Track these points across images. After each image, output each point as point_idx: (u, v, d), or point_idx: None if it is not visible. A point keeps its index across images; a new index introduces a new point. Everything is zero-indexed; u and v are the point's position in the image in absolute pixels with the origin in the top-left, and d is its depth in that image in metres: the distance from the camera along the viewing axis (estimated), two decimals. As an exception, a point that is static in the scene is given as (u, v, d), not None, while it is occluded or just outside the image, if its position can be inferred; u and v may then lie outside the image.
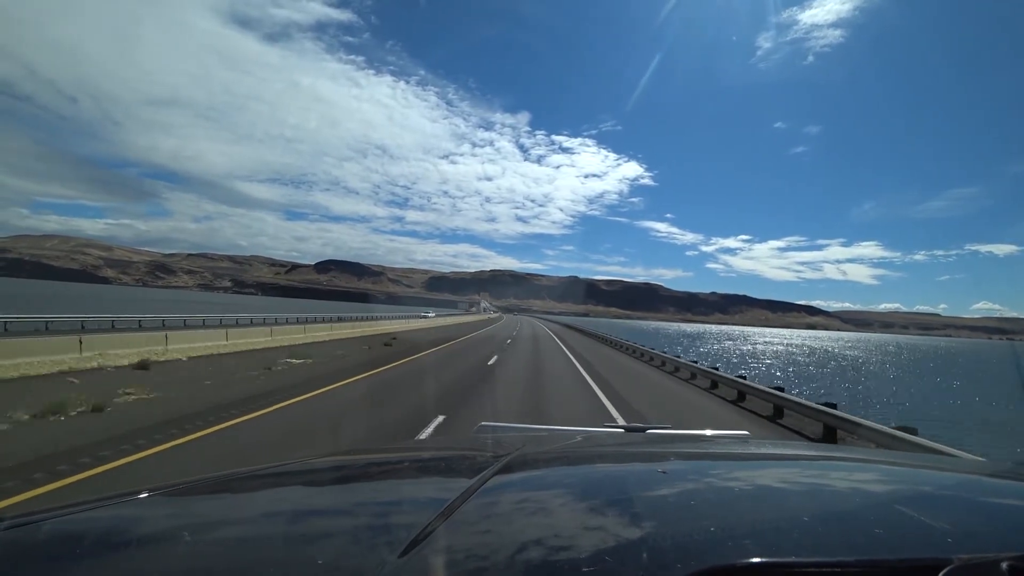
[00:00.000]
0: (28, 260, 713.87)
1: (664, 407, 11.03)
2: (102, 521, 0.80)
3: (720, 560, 0.54)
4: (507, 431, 1.95)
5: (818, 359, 58.79)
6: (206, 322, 31.46)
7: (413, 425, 7.40)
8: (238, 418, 7.39)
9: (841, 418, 8.01)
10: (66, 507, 0.81)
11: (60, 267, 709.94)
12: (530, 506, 0.81)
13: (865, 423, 7.34)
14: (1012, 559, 0.53)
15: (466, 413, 8.33)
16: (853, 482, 1.04)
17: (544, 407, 9.54)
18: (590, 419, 8.51)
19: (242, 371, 12.16)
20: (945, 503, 0.88)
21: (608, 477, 1.10)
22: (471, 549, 0.62)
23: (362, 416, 8.15)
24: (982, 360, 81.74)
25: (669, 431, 1.89)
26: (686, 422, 9.02)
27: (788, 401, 9.91)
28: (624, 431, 1.85)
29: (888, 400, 25.18)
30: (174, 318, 31.31)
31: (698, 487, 0.96)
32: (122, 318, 28.09)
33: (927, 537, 0.67)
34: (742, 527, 0.67)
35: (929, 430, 8.39)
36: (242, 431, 6.77)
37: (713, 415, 10.32)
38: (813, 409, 8.79)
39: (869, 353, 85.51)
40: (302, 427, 7.17)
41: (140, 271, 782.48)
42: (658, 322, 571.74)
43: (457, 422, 7.68)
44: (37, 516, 0.74)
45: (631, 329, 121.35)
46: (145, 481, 3.59)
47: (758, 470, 1.16)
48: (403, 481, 1.17)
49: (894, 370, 49.83)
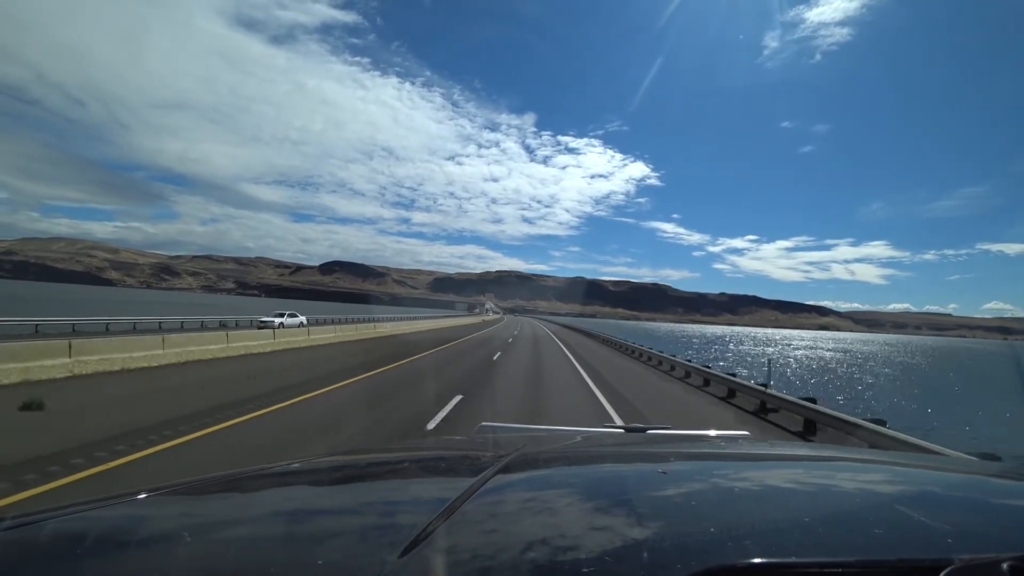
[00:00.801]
0: (33, 262, 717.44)
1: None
2: (102, 521, 0.79)
3: (721, 560, 0.54)
4: (507, 431, 1.95)
5: (883, 369, 51.20)
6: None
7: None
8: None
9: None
10: (66, 507, 0.80)
11: (64, 269, 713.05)
12: (531, 506, 0.81)
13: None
14: (1013, 559, 0.53)
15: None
16: (854, 482, 1.05)
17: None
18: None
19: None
20: (946, 503, 0.88)
21: (609, 477, 1.10)
22: (471, 549, 0.62)
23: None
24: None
25: (669, 431, 1.89)
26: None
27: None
28: (624, 431, 1.87)
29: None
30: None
31: (698, 487, 0.96)
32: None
33: (928, 537, 0.67)
34: (743, 527, 0.67)
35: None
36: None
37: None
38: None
39: (907, 356, 78.74)
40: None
41: (145, 273, 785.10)
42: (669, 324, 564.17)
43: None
44: (38, 516, 0.74)
45: (640, 332, 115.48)
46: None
47: (758, 470, 1.16)
48: (403, 481, 1.18)
49: (958, 378, 42.51)
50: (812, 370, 41.88)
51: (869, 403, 22.43)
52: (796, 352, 74.79)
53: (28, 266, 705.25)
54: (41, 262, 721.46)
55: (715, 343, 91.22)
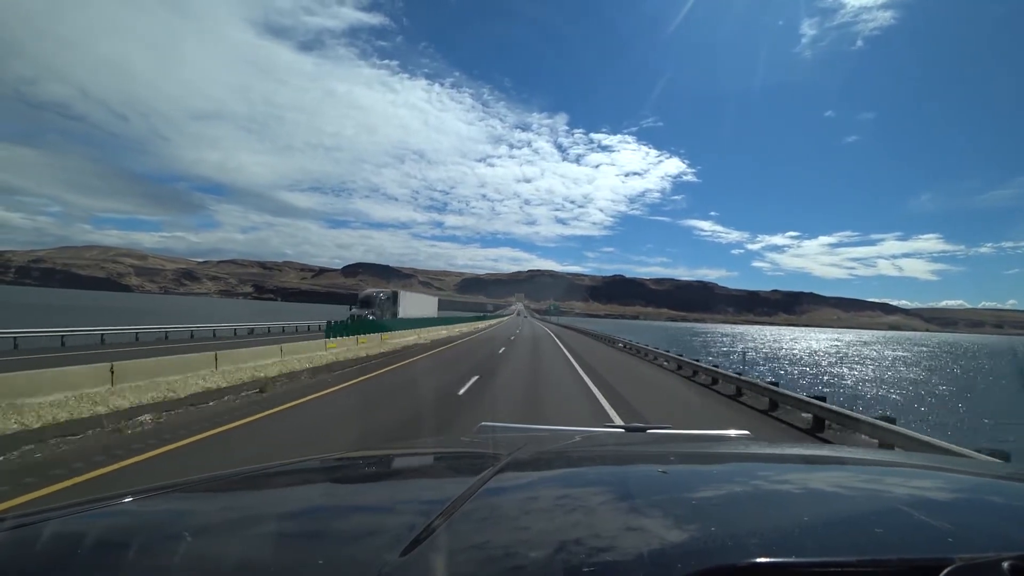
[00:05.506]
0: (59, 269, 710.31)
1: None
2: (102, 521, 0.79)
3: (721, 560, 0.54)
4: (507, 431, 1.94)
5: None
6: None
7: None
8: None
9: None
10: (67, 507, 0.80)
11: (87, 276, 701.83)
12: (531, 506, 0.81)
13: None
14: (1013, 559, 0.53)
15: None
16: (854, 482, 1.05)
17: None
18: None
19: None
20: (946, 503, 0.88)
21: (609, 477, 1.10)
22: (472, 549, 0.62)
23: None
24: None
25: (670, 431, 1.88)
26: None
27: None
28: (625, 431, 1.85)
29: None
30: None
31: (698, 487, 0.97)
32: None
33: (928, 537, 0.66)
34: (743, 527, 0.67)
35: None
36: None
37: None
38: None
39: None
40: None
41: (167, 279, 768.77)
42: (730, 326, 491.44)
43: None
44: (39, 516, 0.74)
45: (721, 343, 73.95)
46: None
47: (759, 470, 1.17)
48: (404, 481, 1.20)
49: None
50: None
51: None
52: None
53: (54, 273, 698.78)
54: (67, 269, 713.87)
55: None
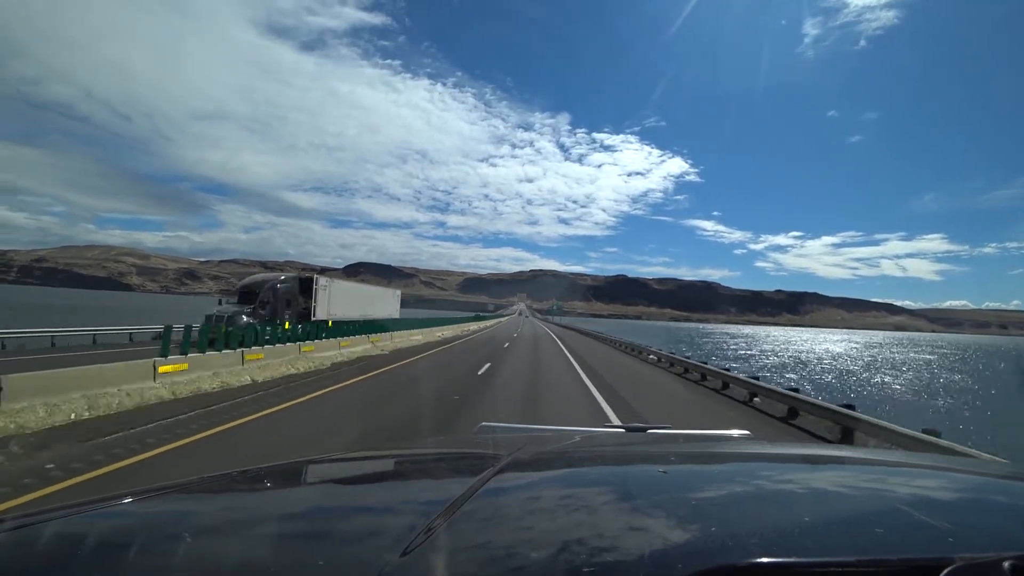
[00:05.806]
0: (61, 269, 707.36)
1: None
2: (103, 521, 0.79)
3: (721, 560, 0.54)
4: (507, 431, 1.95)
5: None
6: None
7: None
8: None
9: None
10: (67, 508, 0.80)
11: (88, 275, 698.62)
12: (531, 506, 0.81)
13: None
14: (1014, 559, 0.52)
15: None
16: (855, 482, 1.04)
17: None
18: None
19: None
20: (947, 503, 0.88)
21: (609, 477, 1.10)
22: (472, 549, 0.62)
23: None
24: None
25: (670, 431, 1.87)
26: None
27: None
28: (625, 431, 1.86)
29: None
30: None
31: (699, 487, 0.97)
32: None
33: (929, 537, 0.66)
34: (743, 527, 0.67)
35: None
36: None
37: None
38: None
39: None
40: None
41: (168, 278, 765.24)
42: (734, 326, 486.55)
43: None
44: (39, 517, 0.74)
45: (733, 345, 71.14)
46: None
47: (760, 470, 1.17)
48: (404, 481, 1.20)
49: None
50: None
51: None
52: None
53: (56, 272, 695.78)
54: (69, 268, 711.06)
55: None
